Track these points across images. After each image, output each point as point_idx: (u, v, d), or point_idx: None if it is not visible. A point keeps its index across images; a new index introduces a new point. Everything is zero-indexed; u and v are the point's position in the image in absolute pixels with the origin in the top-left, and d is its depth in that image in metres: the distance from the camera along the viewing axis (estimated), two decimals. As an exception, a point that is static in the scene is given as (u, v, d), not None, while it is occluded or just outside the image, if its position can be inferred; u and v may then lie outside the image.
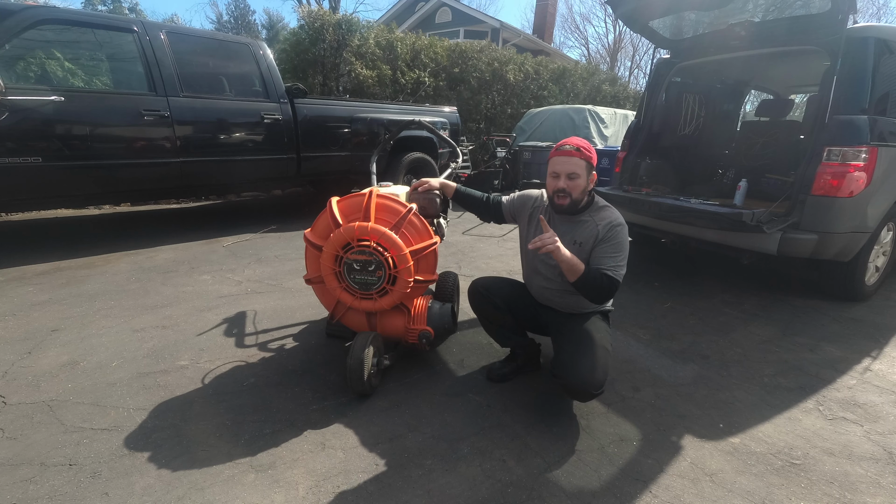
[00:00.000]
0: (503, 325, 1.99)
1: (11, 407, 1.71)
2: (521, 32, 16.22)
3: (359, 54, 7.49)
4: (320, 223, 1.88)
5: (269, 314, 2.59)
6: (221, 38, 4.70)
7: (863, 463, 1.55)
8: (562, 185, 1.73)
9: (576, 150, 1.71)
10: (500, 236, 4.66)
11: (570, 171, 1.72)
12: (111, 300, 2.71)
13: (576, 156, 1.71)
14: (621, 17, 3.46)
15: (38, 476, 1.38)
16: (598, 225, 1.75)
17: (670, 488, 1.41)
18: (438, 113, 6.00)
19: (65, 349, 2.14)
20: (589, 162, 1.73)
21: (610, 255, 1.71)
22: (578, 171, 1.71)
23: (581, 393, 1.62)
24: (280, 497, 1.34)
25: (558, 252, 1.60)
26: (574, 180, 1.72)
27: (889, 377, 2.11)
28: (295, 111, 4.49)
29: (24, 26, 3.15)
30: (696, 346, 2.37)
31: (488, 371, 2.02)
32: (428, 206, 2.13)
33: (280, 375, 1.98)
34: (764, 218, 2.63)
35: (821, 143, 2.63)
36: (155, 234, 4.24)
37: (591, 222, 1.78)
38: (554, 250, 1.59)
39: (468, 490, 1.38)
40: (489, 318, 2.01)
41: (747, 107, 6.41)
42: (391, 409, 1.77)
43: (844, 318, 2.77)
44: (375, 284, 1.77)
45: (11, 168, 3.07)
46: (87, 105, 3.39)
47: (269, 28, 14.30)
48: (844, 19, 2.62)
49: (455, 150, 2.86)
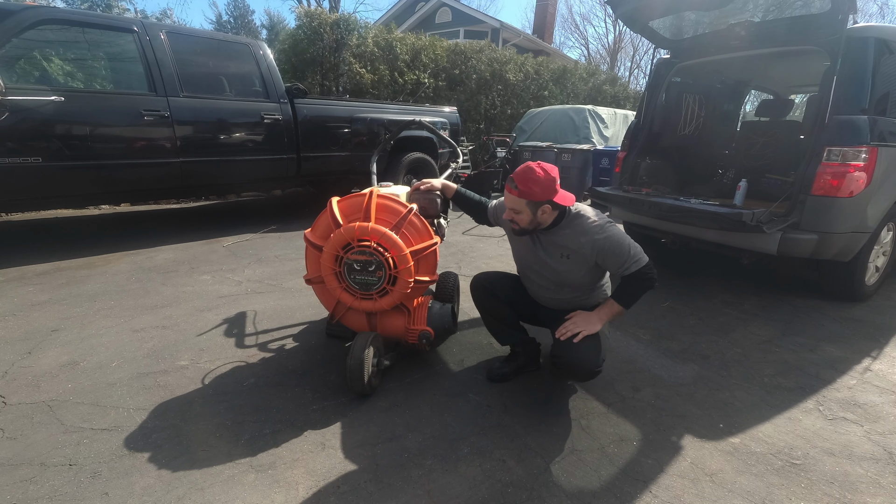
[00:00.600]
0: (504, 319, 2.00)
1: (11, 407, 1.71)
2: (521, 32, 16.22)
3: (357, 54, 7.49)
4: (320, 223, 1.88)
5: (269, 314, 2.59)
6: (221, 38, 4.70)
7: (863, 463, 1.55)
8: (510, 216, 1.76)
9: (514, 189, 1.67)
10: (500, 236, 4.66)
11: (511, 206, 1.73)
12: (111, 300, 2.71)
13: (513, 194, 1.68)
14: (621, 17, 3.46)
15: (38, 476, 1.38)
16: (581, 241, 1.74)
17: (670, 488, 1.41)
18: (438, 113, 6.00)
19: (65, 349, 2.14)
20: (531, 200, 1.66)
21: (619, 259, 1.71)
22: (518, 207, 1.69)
23: (580, 371, 1.68)
24: (280, 497, 1.34)
25: (596, 325, 1.69)
26: (518, 214, 1.72)
27: (889, 377, 2.11)
28: (295, 111, 4.49)
29: (24, 26, 3.15)
30: (696, 346, 2.37)
31: (488, 371, 2.02)
32: (428, 206, 2.13)
33: (280, 375, 1.98)
34: (764, 218, 2.62)
35: (821, 143, 2.63)
36: (155, 234, 4.24)
37: (572, 235, 1.76)
38: (591, 330, 1.67)
39: (468, 490, 1.38)
40: (491, 313, 2.02)
41: (747, 107, 6.41)
42: (391, 409, 1.76)
43: (844, 318, 2.77)
44: (376, 285, 1.77)
45: (11, 168, 3.07)
46: (87, 105, 3.39)
47: (270, 28, 14.29)
48: (844, 19, 2.62)
49: (455, 150, 2.86)
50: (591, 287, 1.88)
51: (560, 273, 1.81)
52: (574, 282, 1.83)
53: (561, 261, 1.79)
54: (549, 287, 1.90)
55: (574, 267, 1.78)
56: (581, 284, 1.85)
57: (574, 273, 1.80)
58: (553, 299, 1.94)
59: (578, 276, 1.80)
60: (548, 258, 1.82)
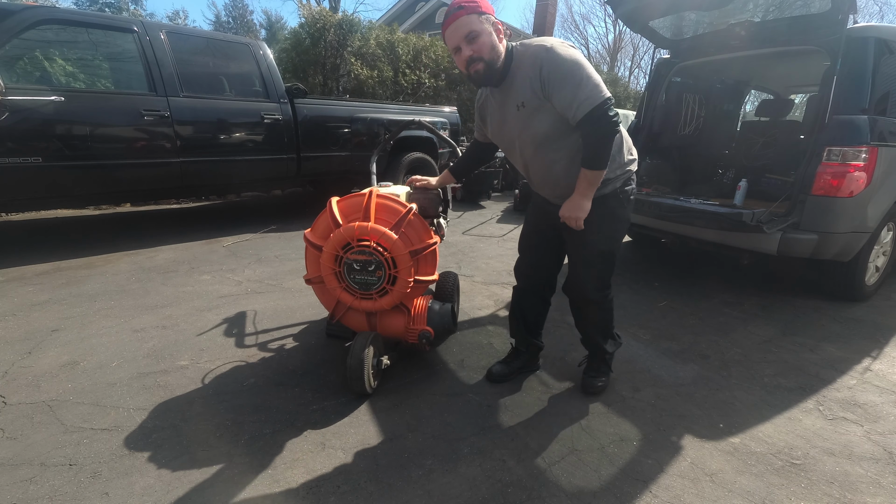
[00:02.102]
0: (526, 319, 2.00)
1: (11, 407, 1.71)
2: (521, 32, 16.21)
3: (359, 54, 7.50)
4: (320, 223, 1.88)
5: (269, 314, 2.59)
6: (221, 38, 4.70)
7: (863, 463, 1.55)
8: (467, 54, 1.47)
9: (459, 9, 1.43)
10: (500, 236, 4.66)
11: (465, 33, 1.45)
12: (111, 300, 2.71)
13: (462, 14, 1.43)
14: (621, 17, 3.45)
15: (38, 476, 1.38)
16: (528, 72, 1.48)
17: (670, 488, 1.41)
18: (438, 113, 6.00)
19: (65, 349, 2.14)
20: (481, 13, 1.45)
21: (566, 89, 1.42)
22: (474, 27, 1.44)
23: (578, 300, 1.84)
24: (280, 497, 1.34)
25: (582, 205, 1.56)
26: (476, 40, 1.45)
27: (889, 377, 2.11)
28: (295, 111, 4.49)
29: (24, 26, 3.15)
30: (696, 346, 2.37)
31: (488, 372, 2.01)
32: (428, 206, 2.13)
33: (280, 375, 1.98)
34: (764, 218, 2.63)
35: (821, 142, 2.63)
36: (155, 234, 4.24)
37: (521, 72, 1.51)
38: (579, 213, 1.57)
39: (468, 490, 1.38)
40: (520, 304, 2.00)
41: (747, 107, 6.41)
42: (391, 409, 1.76)
43: (844, 318, 2.77)
44: (375, 284, 1.77)
45: (11, 168, 3.07)
46: (88, 105, 3.39)
47: (268, 28, 14.30)
48: (844, 19, 2.62)
49: (455, 150, 2.86)
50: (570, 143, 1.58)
51: (530, 130, 1.57)
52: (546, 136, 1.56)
53: (519, 114, 1.55)
54: (539, 164, 1.66)
55: (530, 116, 1.53)
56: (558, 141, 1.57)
57: (539, 123, 1.53)
58: (552, 182, 1.69)
59: (545, 126, 1.53)
60: (510, 120, 1.61)
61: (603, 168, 1.52)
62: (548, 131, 1.56)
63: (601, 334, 1.91)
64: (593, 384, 1.90)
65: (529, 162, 1.69)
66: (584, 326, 1.93)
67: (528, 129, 1.58)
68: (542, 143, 1.60)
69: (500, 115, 1.67)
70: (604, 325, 1.91)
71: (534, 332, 2.03)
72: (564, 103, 1.45)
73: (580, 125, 1.47)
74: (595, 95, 1.42)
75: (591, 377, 1.92)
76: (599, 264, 1.75)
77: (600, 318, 1.88)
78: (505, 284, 3.19)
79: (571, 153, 1.59)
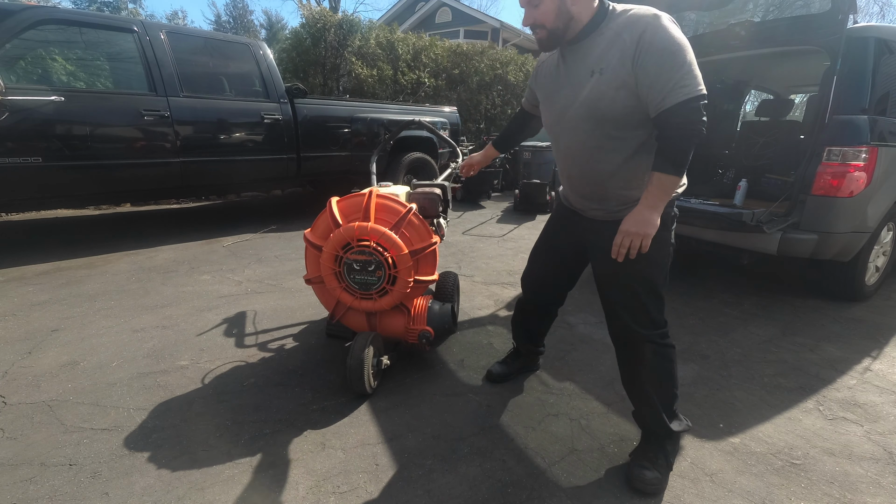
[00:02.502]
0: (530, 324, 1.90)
1: (11, 407, 1.71)
2: (521, 32, 16.19)
3: (359, 54, 7.50)
4: (320, 223, 1.88)
5: (269, 314, 2.59)
6: (221, 38, 4.70)
7: (863, 463, 1.55)
8: (529, 21, 1.33)
9: None
10: (500, 236, 4.66)
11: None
12: (111, 300, 2.71)
13: None
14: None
15: (38, 476, 1.38)
16: (624, 38, 1.23)
17: (670, 488, 1.41)
18: (438, 113, 6.01)
19: (65, 349, 2.14)
20: None
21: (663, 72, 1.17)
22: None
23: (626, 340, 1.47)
24: (280, 497, 1.34)
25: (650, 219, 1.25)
26: (540, 5, 1.29)
27: (889, 377, 2.11)
28: (295, 111, 4.49)
29: (24, 26, 3.15)
30: (696, 346, 2.37)
31: (487, 372, 2.01)
32: (428, 206, 2.13)
33: (280, 375, 1.98)
34: (764, 218, 2.63)
35: (821, 142, 2.63)
36: (155, 234, 4.24)
37: (614, 35, 1.26)
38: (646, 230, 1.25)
39: (468, 490, 1.38)
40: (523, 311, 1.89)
41: (747, 107, 6.41)
42: (391, 409, 1.76)
43: (844, 318, 2.77)
44: (375, 284, 1.77)
45: (11, 168, 3.07)
46: (88, 105, 3.39)
47: (269, 28, 14.31)
48: (845, 19, 2.62)
49: (455, 150, 2.86)
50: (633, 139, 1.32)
51: (595, 103, 1.29)
52: (613, 117, 1.29)
53: (591, 81, 1.29)
54: (586, 151, 1.38)
55: (605, 87, 1.26)
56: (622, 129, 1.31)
57: (612, 99, 1.26)
58: (592, 178, 1.41)
59: (617, 105, 1.26)
60: (575, 85, 1.34)
61: (681, 175, 1.25)
62: (617, 113, 1.28)
63: (660, 396, 1.44)
64: (641, 475, 1.39)
65: (574, 145, 1.41)
66: (637, 384, 1.47)
67: (593, 101, 1.30)
68: (602, 124, 1.31)
69: (565, 77, 1.38)
70: (662, 382, 1.44)
71: (536, 339, 1.99)
72: (654, 84, 1.19)
73: (665, 116, 1.20)
74: (693, 85, 1.18)
75: (640, 465, 1.41)
76: (645, 296, 1.39)
77: (657, 367, 1.43)
78: (505, 284, 3.19)
79: (629, 152, 1.33)
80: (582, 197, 1.49)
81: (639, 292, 1.39)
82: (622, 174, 1.36)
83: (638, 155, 1.33)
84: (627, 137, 1.32)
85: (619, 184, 1.38)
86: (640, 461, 1.43)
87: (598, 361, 2.15)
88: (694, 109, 1.18)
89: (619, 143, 1.33)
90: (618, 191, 1.39)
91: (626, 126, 1.30)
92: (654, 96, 1.20)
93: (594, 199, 1.45)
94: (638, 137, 1.32)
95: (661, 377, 1.44)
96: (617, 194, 1.39)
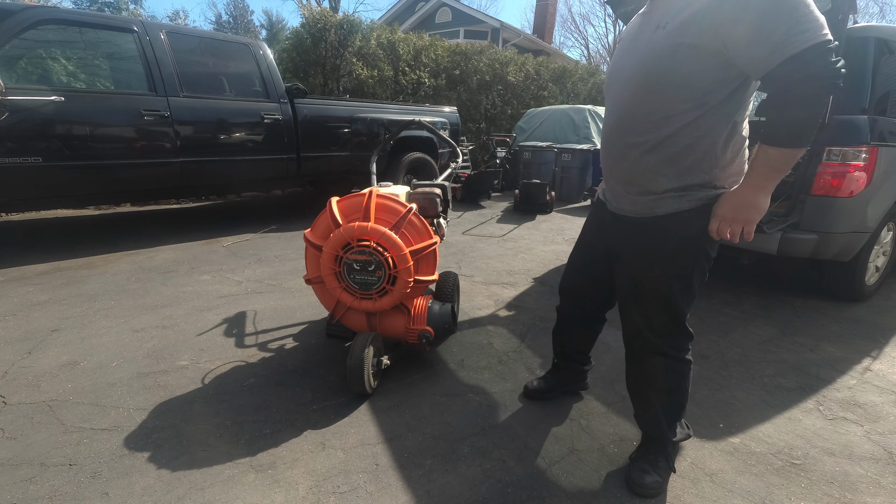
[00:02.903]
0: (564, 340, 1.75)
1: (11, 407, 1.71)
2: (521, 32, 16.22)
3: (360, 55, 7.50)
4: (320, 223, 1.88)
5: (269, 314, 2.59)
6: (221, 38, 4.70)
7: (863, 463, 1.55)
8: None
9: None
10: (500, 236, 4.66)
11: None
12: (111, 300, 2.71)
13: None
14: (621, 17, 3.44)
15: (38, 476, 1.38)
16: None
17: (670, 488, 1.41)
18: (438, 113, 6.01)
19: (65, 349, 2.14)
20: None
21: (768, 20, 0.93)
22: None
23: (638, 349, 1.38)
24: (280, 497, 1.34)
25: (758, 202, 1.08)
26: None
27: (889, 377, 2.11)
28: (295, 111, 4.49)
29: (24, 26, 3.15)
30: (696, 346, 2.37)
31: (524, 387, 1.87)
32: (428, 206, 2.14)
33: (280, 375, 1.98)
34: (764, 218, 2.63)
35: (821, 142, 2.63)
36: (155, 234, 4.24)
37: None
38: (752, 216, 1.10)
39: (468, 490, 1.38)
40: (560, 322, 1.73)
41: (747, 107, 6.39)
42: (391, 409, 1.76)
43: (844, 318, 2.77)
44: (375, 284, 1.77)
45: (11, 168, 3.07)
46: (88, 105, 3.39)
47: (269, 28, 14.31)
48: (845, 19, 2.62)
49: (455, 150, 2.87)
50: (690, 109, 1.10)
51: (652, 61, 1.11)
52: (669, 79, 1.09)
53: (657, 37, 1.10)
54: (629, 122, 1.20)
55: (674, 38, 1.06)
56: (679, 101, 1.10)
57: (672, 57, 1.07)
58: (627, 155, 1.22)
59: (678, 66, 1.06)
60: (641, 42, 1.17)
61: (803, 147, 1.02)
62: (682, 78, 1.07)
63: (666, 407, 1.38)
64: (640, 480, 1.36)
65: (617, 114, 1.24)
66: (643, 392, 1.41)
67: (652, 59, 1.11)
68: (657, 89, 1.11)
69: (632, 36, 1.24)
70: (670, 396, 1.37)
71: (569, 355, 1.78)
72: (759, 33, 0.94)
73: (779, 71, 0.94)
74: (816, 30, 0.92)
75: (640, 469, 1.39)
76: (664, 306, 1.28)
77: (668, 380, 1.35)
78: (505, 284, 3.20)
79: (684, 129, 1.11)
80: (617, 181, 1.30)
81: (658, 302, 1.28)
82: (666, 150, 1.15)
83: (688, 129, 1.12)
84: (687, 109, 1.10)
85: (659, 164, 1.17)
86: (639, 464, 1.40)
87: (598, 362, 2.15)
88: (822, 56, 0.91)
89: (677, 116, 1.12)
90: (651, 176, 1.18)
91: (688, 96, 1.09)
92: (763, 47, 0.94)
93: (628, 184, 1.27)
94: (704, 109, 1.09)
95: (669, 391, 1.37)
96: (650, 181, 1.19)
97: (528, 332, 2.46)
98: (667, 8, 1.11)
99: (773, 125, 1.02)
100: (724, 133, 1.12)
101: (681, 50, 1.05)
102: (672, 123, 1.13)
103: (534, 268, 3.60)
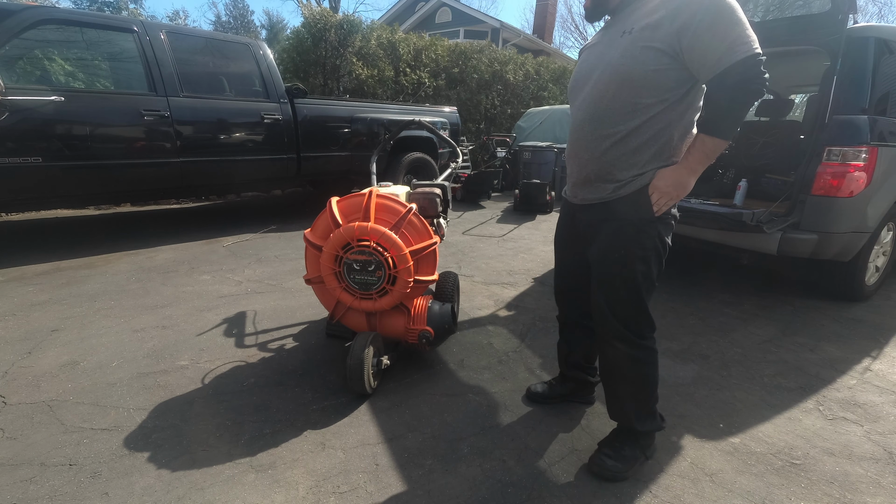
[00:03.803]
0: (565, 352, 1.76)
1: (11, 407, 1.71)
2: (521, 32, 16.21)
3: (360, 55, 7.50)
4: (320, 223, 1.88)
5: (269, 314, 2.59)
6: (221, 38, 4.70)
7: (863, 463, 1.55)
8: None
9: None
10: (500, 236, 4.66)
11: None
12: (111, 300, 2.71)
13: None
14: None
15: (38, 476, 1.38)
16: None
17: (670, 488, 1.41)
18: (438, 113, 6.01)
19: (65, 349, 2.14)
20: None
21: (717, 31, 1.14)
22: None
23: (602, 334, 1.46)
24: (280, 497, 1.34)
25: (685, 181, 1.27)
26: None
27: (889, 377, 2.11)
28: (295, 111, 4.49)
29: (24, 26, 3.15)
30: (696, 346, 2.37)
31: (527, 389, 1.87)
32: (428, 206, 2.14)
33: (280, 375, 1.98)
34: (764, 218, 2.63)
35: (821, 142, 2.63)
36: (155, 234, 4.24)
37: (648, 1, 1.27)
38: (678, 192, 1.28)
39: (468, 490, 1.38)
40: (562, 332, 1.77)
41: (747, 107, 6.39)
42: (391, 409, 1.76)
43: (844, 318, 2.77)
44: (375, 284, 1.77)
45: (11, 168, 3.07)
46: (88, 105, 3.39)
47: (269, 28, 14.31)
48: (844, 19, 2.62)
49: (455, 150, 2.87)
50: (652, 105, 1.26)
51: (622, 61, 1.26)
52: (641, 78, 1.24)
53: (625, 40, 1.26)
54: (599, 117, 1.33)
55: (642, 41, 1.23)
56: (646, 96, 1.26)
57: (642, 59, 1.22)
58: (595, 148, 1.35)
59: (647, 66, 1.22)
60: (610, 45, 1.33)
61: (728, 139, 1.24)
62: (645, 76, 1.23)
63: (633, 399, 1.45)
64: (600, 462, 1.44)
65: (587, 109, 1.36)
66: (609, 379, 1.49)
67: (619, 59, 1.26)
68: (625, 86, 1.27)
69: (600, 42, 1.40)
70: (635, 383, 1.44)
71: (569, 362, 1.77)
72: (709, 44, 1.15)
73: (721, 77, 1.17)
74: (751, 44, 1.14)
75: (603, 453, 1.46)
76: (626, 293, 1.37)
77: (633, 370, 1.43)
78: (505, 284, 3.20)
79: (648, 122, 1.28)
80: (587, 173, 1.40)
81: (620, 288, 1.37)
82: (634, 140, 1.30)
83: (660, 128, 1.28)
84: (652, 106, 1.27)
85: (628, 161, 1.31)
86: (604, 449, 1.48)
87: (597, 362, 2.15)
88: (754, 67, 1.14)
89: (643, 112, 1.27)
90: (619, 164, 1.33)
91: (653, 91, 1.25)
92: (708, 58, 1.17)
93: (594, 176, 1.39)
94: (666, 108, 1.27)
95: (634, 380, 1.44)
96: (617, 168, 1.33)
97: (528, 332, 2.46)
98: (628, 19, 1.30)
99: (715, 120, 1.23)
100: (680, 125, 1.30)
101: (647, 51, 1.22)
102: (639, 116, 1.28)
103: (534, 268, 3.60)
